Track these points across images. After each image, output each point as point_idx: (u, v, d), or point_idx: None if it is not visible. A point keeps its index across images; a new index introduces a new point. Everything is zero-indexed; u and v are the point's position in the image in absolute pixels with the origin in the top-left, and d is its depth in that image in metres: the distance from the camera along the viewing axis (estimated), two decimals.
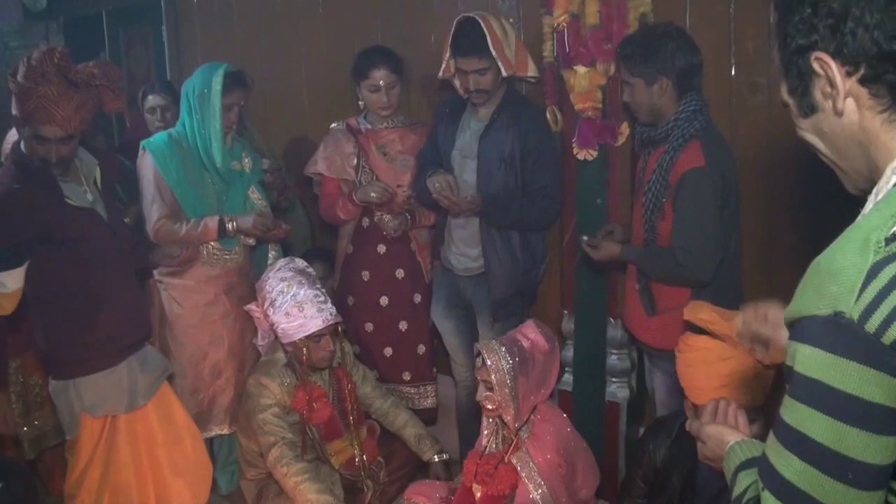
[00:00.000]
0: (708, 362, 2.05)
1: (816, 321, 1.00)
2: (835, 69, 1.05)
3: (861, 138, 1.08)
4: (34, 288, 2.71)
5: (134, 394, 2.83)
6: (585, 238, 2.81)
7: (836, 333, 0.97)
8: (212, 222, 3.12)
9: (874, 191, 1.08)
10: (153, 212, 3.10)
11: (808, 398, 1.01)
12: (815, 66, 1.07)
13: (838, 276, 0.98)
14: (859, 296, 0.96)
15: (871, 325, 0.95)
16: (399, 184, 3.38)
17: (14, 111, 2.60)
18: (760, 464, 1.12)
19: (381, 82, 3.29)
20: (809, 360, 1.00)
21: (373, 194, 3.31)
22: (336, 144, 3.46)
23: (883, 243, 0.97)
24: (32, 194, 2.61)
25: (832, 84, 1.06)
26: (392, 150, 3.41)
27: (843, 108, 1.07)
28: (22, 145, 2.67)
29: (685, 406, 2.19)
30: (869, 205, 1.07)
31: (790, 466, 1.03)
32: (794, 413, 1.03)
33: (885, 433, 0.97)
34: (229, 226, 3.13)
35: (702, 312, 2.09)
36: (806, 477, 1.02)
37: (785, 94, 1.16)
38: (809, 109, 1.11)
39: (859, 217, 1.08)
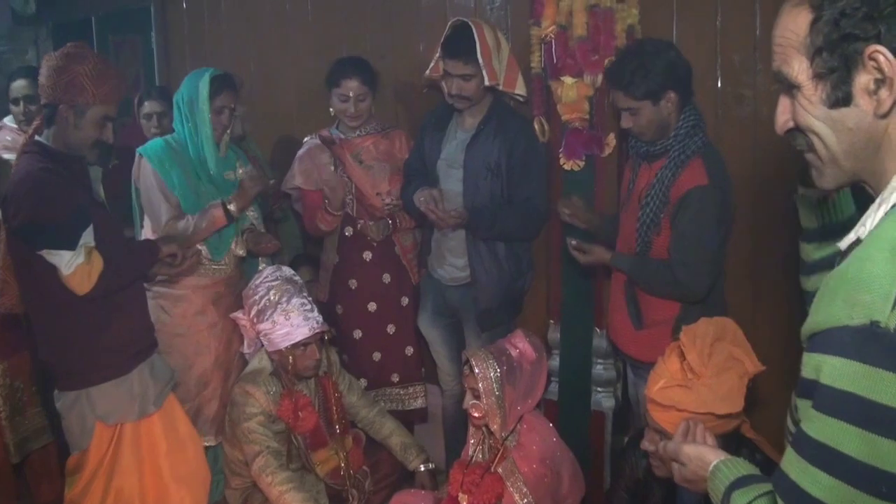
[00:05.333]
0: (658, 373, 2.03)
1: (848, 331, 0.96)
2: (895, 69, 1.01)
3: (881, 143, 1.05)
4: (42, 296, 2.68)
5: (145, 401, 2.82)
6: (573, 242, 2.79)
7: (871, 343, 0.94)
8: (215, 209, 3.10)
9: (877, 201, 1.06)
10: (162, 214, 3.08)
11: (838, 411, 0.98)
12: (869, 60, 1.02)
13: (870, 285, 0.96)
14: (895, 304, 0.94)
15: None
16: (377, 191, 3.39)
17: (58, 102, 2.57)
18: (778, 483, 1.07)
19: (350, 93, 3.31)
20: (840, 372, 0.97)
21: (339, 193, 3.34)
22: (311, 157, 3.47)
23: None
24: (67, 176, 2.61)
25: (882, 83, 1.02)
26: (367, 157, 3.42)
27: (890, 110, 1.03)
28: (44, 139, 2.64)
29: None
30: (873, 215, 1.05)
31: (818, 483, 0.99)
32: (822, 427, 0.99)
33: None
34: (231, 206, 3.10)
35: (687, 333, 2.04)
36: (836, 493, 0.98)
37: (802, 76, 1.08)
38: (843, 100, 1.05)
39: (863, 228, 1.06)
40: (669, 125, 2.57)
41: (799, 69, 1.08)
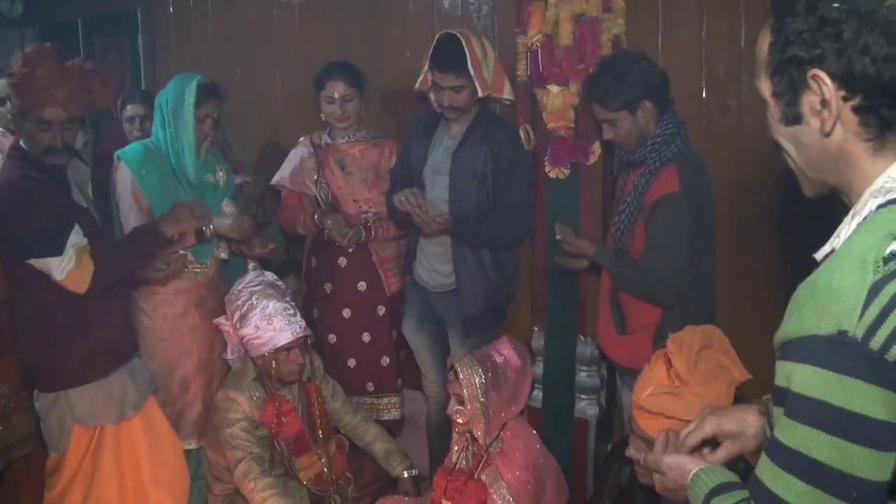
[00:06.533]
0: (644, 378, 2.01)
1: (817, 340, 0.99)
2: (833, 92, 1.05)
3: (839, 158, 1.09)
4: (24, 297, 2.68)
5: (124, 404, 2.82)
6: (558, 236, 2.82)
7: (840, 352, 0.97)
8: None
9: (850, 213, 1.09)
10: (130, 221, 3.07)
11: (809, 418, 1.01)
12: (811, 82, 1.06)
13: (839, 296, 0.99)
14: (862, 314, 0.97)
15: (876, 342, 0.96)
16: (356, 198, 3.41)
17: (13, 107, 2.62)
18: (753, 489, 1.10)
19: (335, 94, 3.32)
20: (810, 380, 1.00)
21: (329, 222, 3.35)
22: (300, 160, 3.50)
23: (881, 263, 0.98)
24: (46, 182, 2.61)
25: (825, 104, 1.06)
26: (352, 164, 3.43)
27: (832, 130, 1.07)
28: (22, 143, 2.66)
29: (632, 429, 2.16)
30: (847, 227, 1.08)
31: (791, 489, 1.03)
32: (794, 434, 1.03)
33: (890, 449, 0.98)
34: (206, 230, 3.10)
35: (674, 341, 2.05)
36: (809, 499, 1.01)
37: (766, 93, 1.14)
38: (793, 119, 1.10)
39: (837, 239, 1.09)
40: (650, 133, 2.61)
41: (764, 87, 1.14)
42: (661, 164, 2.57)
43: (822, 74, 1.05)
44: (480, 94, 3.03)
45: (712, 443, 1.45)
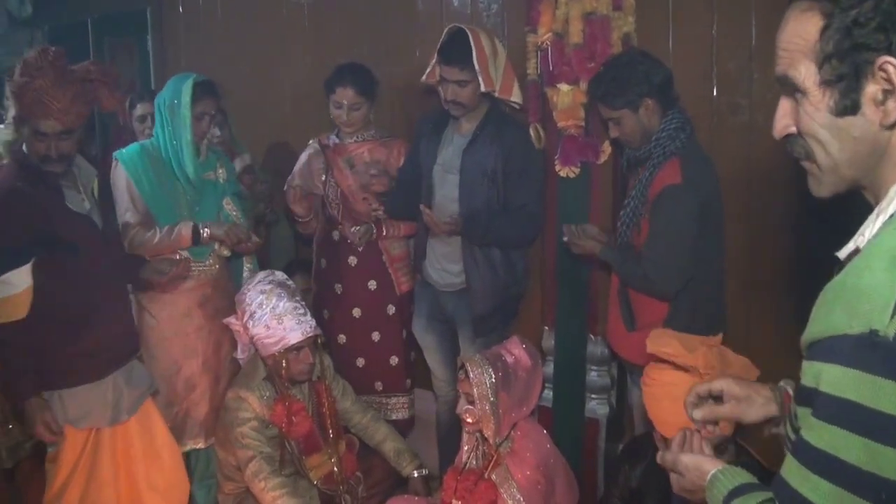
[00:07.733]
0: (673, 397, 1.96)
1: (847, 340, 0.97)
2: None
3: (884, 153, 1.05)
4: None
5: (118, 408, 2.82)
6: (565, 238, 2.83)
7: (871, 352, 0.95)
8: (186, 229, 3.09)
9: (875, 211, 1.07)
10: (127, 221, 3.09)
11: (838, 419, 0.99)
12: (879, 70, 1.01)
13: (870, 294, 0.97)
14: (894, 313, 0.94)
15: None
16: (364, 195, 3.41)
17: (14, 112, 2.61)
18: (779, 490, 1.08)
19: (344, 101, 3.33)
20: (840, 380, 0.98)
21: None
22: (308, 161, 3.53)
23: None
24: (35, 194, 2.61)
25: (893, 94, 1.01)
26: (360, 162, 3.43)
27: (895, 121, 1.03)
28: (24, 147, 2.67)
29: (655, 437, 2.17)
30: (872, 224, 1.06)
31: (818, 490, 1.01)
32: (823, 434, 1.01)
33: None
34: (203, 232, 3.11)
35: (664, 344, 2.03)
36: (836, 500, 0.99)
37: (809, 81, 1.07)
38: (851, 108, 1.04)
39: (861, 237, 1.07)
40: (654, 131, 2.62)
41: (806, 74, 1.07)
42: (664, 158, 2.58)
43: (895, 62, 1.00)
44: (483, 88, 3.02)
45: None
